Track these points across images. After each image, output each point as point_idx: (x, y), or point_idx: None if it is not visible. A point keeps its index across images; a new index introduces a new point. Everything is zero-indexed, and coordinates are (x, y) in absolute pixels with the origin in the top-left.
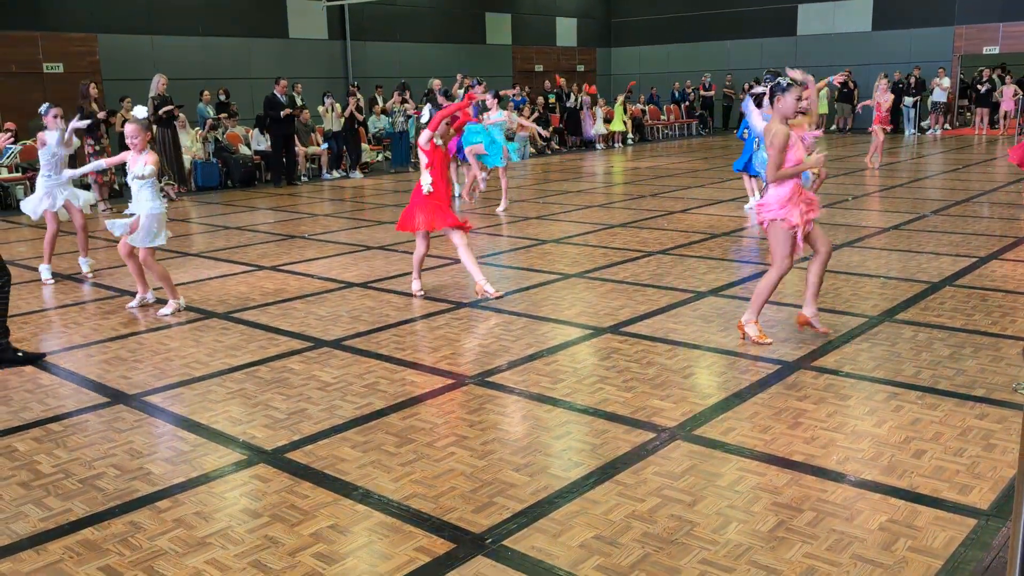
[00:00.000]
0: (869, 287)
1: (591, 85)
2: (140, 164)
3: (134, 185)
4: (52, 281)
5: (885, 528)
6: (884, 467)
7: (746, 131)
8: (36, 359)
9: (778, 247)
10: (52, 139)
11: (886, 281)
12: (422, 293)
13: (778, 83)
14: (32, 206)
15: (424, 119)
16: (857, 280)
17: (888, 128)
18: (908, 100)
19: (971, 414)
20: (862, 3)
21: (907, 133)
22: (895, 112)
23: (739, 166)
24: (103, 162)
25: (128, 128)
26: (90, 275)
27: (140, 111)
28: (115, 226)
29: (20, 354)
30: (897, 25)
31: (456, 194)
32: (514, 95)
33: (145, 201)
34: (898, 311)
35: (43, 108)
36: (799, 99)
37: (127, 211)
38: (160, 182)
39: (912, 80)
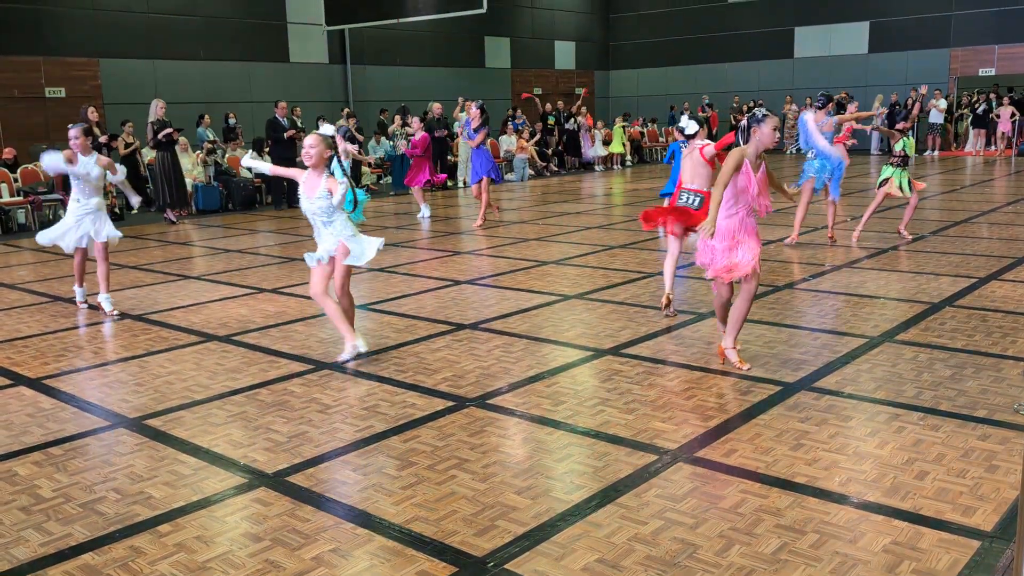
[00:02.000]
0: (869, 308)
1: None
2: (322, 187)
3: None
4: (85, 304)
5: (889, 550)
6: (887, 489)
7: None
8: None
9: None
10: (86, 163)
11: (885, 302)
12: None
13: (754, 114)
14: (58, 236)
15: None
16: (857, 301)
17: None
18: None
19: (973, 435)
20: (858, 26)
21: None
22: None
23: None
24: (267, 167)
25: (310, 139)
26: (115, 313)
27: (327, 128)
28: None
29: None
30: (893, 47)
31: (425, 215)
32: (518, 121)
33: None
34: (899, 332)
35: (342, 129)
36: (775, 130)
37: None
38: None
39: (908, 102)
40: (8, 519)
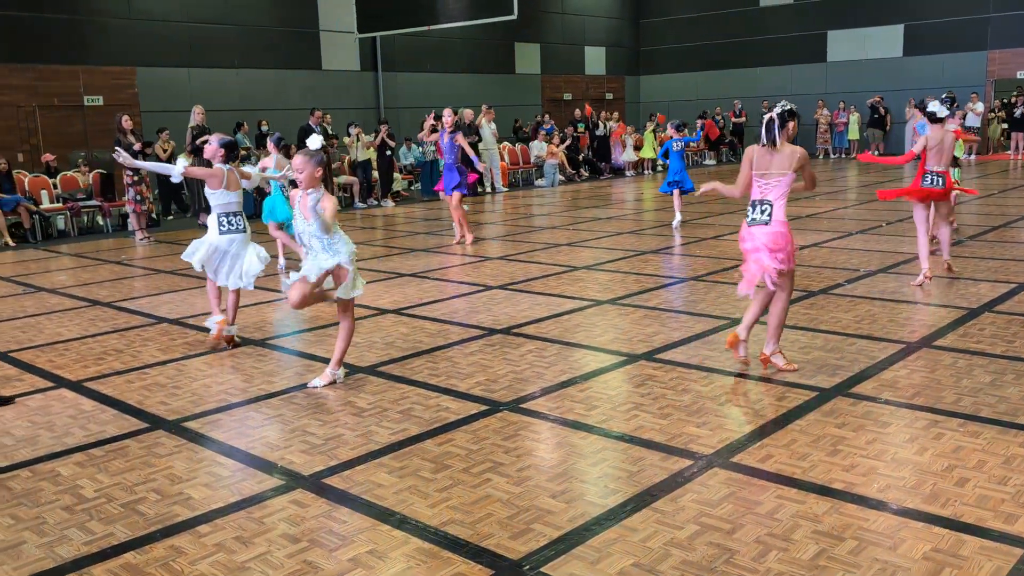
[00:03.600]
0: (906, 313)
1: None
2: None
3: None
4: (214, 331)
5: (929, 557)
6: (926, 495)
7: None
8: (4, 402)
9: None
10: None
11: (923, 307)
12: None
13: (790, 110)
14: (195, 254)
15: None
16: (894, 306)
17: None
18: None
19: (1015, 442)
20: (892, 29)
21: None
22: None
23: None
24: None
25: (296, 160)
26: (238, 339)
27: (315, 140)
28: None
29: None
30: (929, 51)
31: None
32: (546, 125)
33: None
34: (937, 337)
35: (274, 137)
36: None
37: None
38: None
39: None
40: (52, 518)
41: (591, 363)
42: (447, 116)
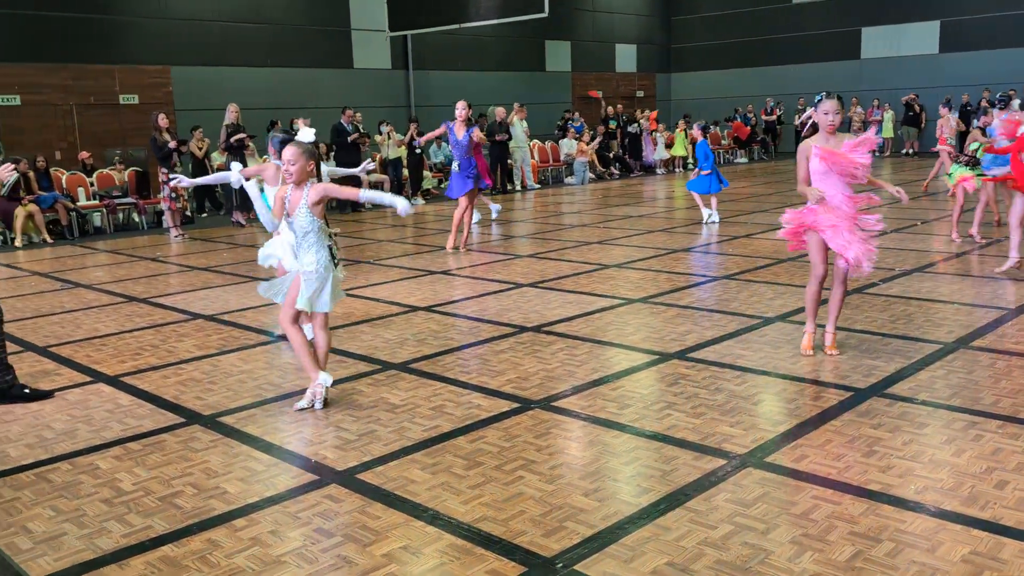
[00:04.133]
0: (943, 313)
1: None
2: (304, 202)
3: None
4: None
5: (968, 560)
6: (965, 498)
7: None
8: (43, 396)
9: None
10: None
11: (959, 307)
12: None
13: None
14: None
15: None
16: (930, 306)
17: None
18: (977, 123)
19: None
20: (929, 25)
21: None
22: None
23: (697, 188)
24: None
25: (288, 152)
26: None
27: (307, 133)
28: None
29: (27, 391)
30: (966, 47)
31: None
32: (574, 123)
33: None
34: (974, 338)
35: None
36: (825, 113)
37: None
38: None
39: (982, 103)
40: (92, 510)
41: (623, 362)
42: (461, 109)
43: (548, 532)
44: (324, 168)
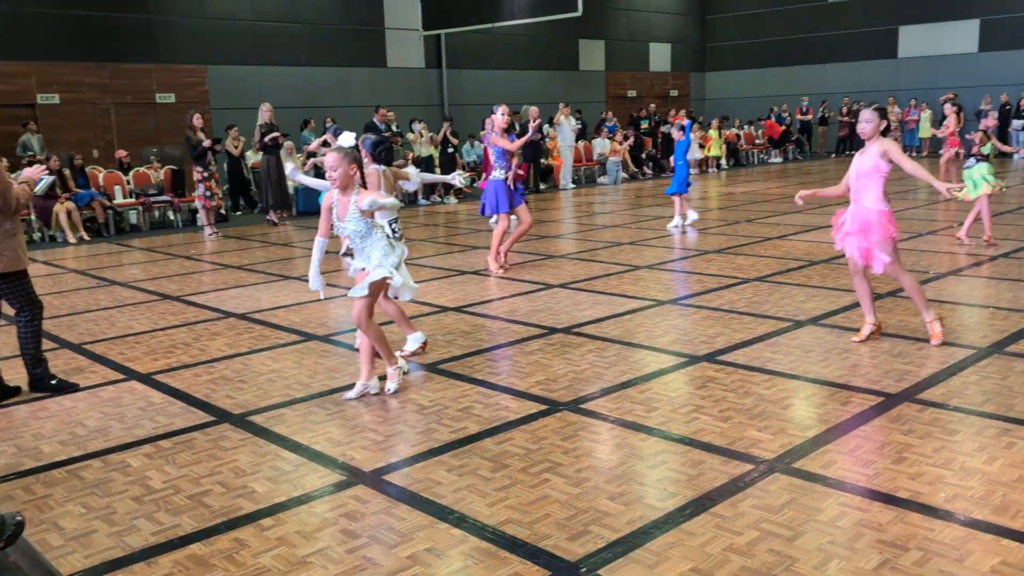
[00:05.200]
0: (977, 317)
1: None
2: (353, 208)
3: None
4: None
5: (998, 571)
6: (996, 506)
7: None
8: (69, 389)
9: None
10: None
11: (994, 311)
12: None
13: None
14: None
15: None
16: (964, 310)
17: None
18: (1017, 123)
19: None
20: (968, 24)
21: (1015, 157)
22: (1002, 136)
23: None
24: (310, 181)
25: (330, 158)
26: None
27: (348, 138)
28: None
29: (54, 382)
30: (1007, 46)
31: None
32: (608, 123)
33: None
34: (1009, 343)
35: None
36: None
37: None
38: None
39: (1022, 103)
40: (122, 508)
41: (651, 364)
42: (503, 115)
43: (573, 536)
44: (413, 172)
